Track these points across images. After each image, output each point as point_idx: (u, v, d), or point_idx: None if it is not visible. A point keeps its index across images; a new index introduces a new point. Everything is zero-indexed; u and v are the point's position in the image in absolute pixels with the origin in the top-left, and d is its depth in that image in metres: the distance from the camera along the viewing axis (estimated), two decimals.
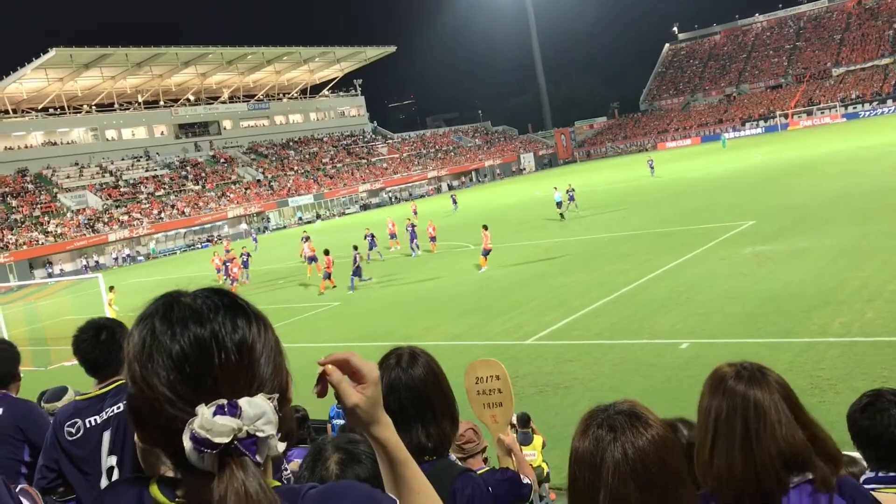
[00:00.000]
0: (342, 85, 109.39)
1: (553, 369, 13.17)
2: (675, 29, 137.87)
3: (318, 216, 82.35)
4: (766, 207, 28.49)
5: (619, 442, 1.69)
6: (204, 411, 1.07)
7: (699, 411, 2.19)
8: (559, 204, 37.85)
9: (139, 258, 67.13)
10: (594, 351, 13.97)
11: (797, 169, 41.23)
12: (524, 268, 24.83)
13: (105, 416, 3.78)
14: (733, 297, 15.98)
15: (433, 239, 33.19)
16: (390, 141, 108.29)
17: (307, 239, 32.46)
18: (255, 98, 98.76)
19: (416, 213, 47.88)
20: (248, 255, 34.71)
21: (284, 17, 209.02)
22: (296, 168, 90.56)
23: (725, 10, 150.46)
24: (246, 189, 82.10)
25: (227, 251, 37.90)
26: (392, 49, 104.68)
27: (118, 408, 3.77)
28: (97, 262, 63.93)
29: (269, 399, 1.11)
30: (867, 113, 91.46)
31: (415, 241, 33.28)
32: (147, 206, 73.44)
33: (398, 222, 38.75)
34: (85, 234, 65.56)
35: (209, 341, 1.13)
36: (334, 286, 26.95)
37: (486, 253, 25.99)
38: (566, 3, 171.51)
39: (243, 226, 76.09)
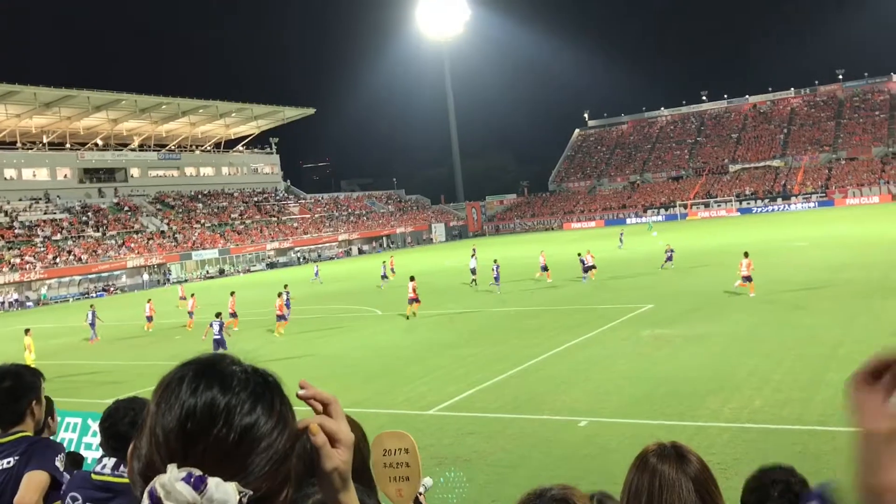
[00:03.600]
0: (257, 142, 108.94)
1: (454, 441, 13.12)
2: (586, 115, 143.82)
3: (222, 272, 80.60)
4: (665, 292, 29.55)
5: None
6: (173, 471, 1.03)
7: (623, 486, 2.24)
8: (473, 271, 39.03)
9: (28, 304, 63.82)
10: (495, 424, 14.00)
11: (694, 257, 43.05)
12: (432, 336, 24.86)
13: None
14: (632, 378, 16.38)
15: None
16: (303, 201, 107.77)
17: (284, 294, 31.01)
18: (167, 148, 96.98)
19: (393, 268, 48.08)
20: (289, 293, 32.74)
21: (203, 70, 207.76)
22: (203, 221, 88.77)
23: (633, 101, 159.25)
24: (149, 239, 79.80)
25: (182, 298, 41.80)
26: (311, 111, 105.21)
27: (8, 462, 3.56)
28: None
29: (241, 493, 1.05)
30: (759, 209, 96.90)
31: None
32: (42, 249, 70.32)
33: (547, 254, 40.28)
34: None
35: (220, 410, 1.09)
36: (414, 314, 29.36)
37: (748, 279, 26.64)
38: (485, 81, 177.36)
39: (145, 276, 73.65)
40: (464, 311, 30.63)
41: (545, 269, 37.54)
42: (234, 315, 31.27)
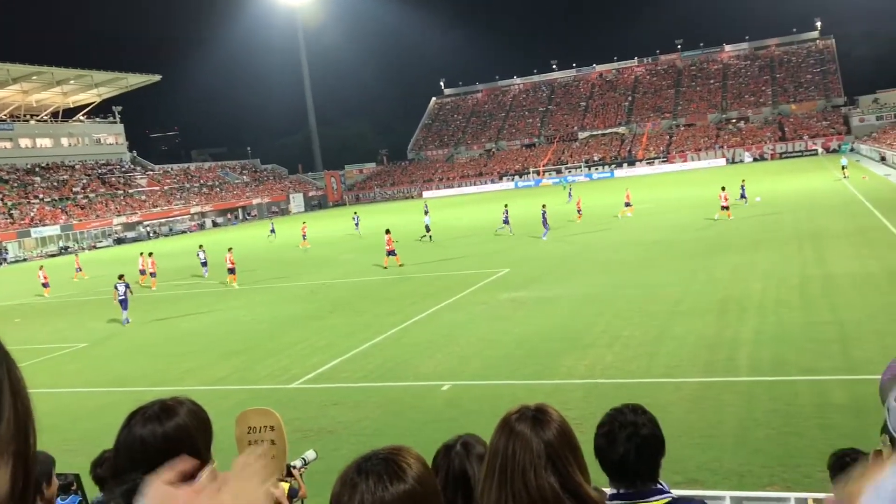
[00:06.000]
0: (99, 111, 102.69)
1: (318, 413, 13.07)
2: (442, 84, 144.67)
3: (66, 249, 75.96)
4: (519, 257, 30.46)
5: (358, 489, 1.64)
6: None
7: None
8: (427, 227, 42.35)
9: None
10: (359, 394, 14.05)
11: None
12: (293, 308, 24.51)
13: None
14: (491, 341, 16.84)
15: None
16: (151, 172, 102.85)
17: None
18: None
19: (305, 236, 47.13)
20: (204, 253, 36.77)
21: (37, 34, 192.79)
22: (42, 196, 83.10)
23: (487, 70, 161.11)
24: None
25: (78, 270, 42.61)
26: (156, 78, 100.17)
27: None
28: None
29: None
30: (607, 175, 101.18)
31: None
32: None
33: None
34: None
35: None
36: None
37: (726, 208, 34.65)
38: (340, 49, 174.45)
39: None
40: (326, 281, 30.38)
41: (627, 205, 43.03)
42: (153, 275, 34.48)
